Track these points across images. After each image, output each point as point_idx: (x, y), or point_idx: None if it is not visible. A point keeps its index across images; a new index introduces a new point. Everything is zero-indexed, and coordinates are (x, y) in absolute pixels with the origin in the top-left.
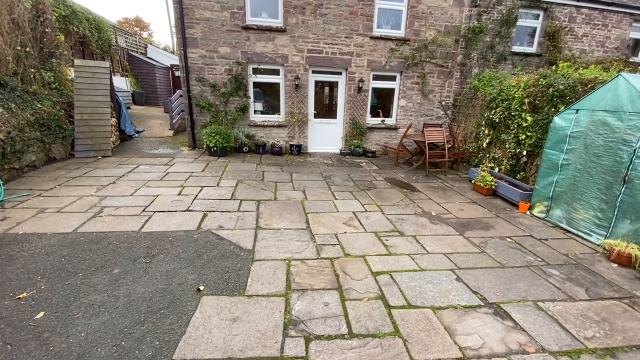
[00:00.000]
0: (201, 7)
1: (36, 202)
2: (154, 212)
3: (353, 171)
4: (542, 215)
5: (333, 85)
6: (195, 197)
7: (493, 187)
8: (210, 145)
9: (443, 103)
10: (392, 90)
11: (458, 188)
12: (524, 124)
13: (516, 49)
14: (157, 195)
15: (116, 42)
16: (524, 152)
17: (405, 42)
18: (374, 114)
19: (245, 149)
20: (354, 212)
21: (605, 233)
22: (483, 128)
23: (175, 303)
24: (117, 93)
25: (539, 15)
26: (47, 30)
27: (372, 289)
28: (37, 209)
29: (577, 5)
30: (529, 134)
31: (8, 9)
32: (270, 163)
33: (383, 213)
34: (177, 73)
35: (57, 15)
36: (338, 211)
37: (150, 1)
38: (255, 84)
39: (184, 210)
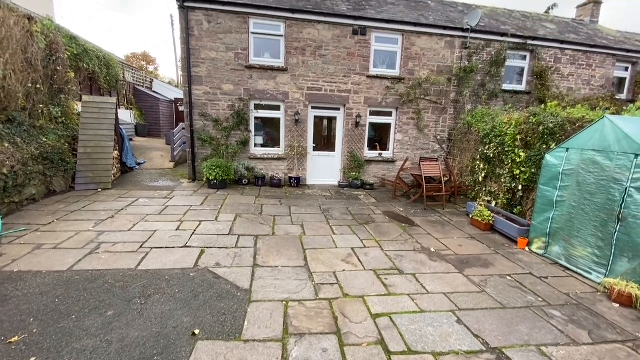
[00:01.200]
0: (207, 48)
1: (34, 237)
2: (152, 248)
3: (351, 204)
4: (541, 252)
5: (332, 120)
6: (193, 233)
7: (491, 222)
8: (210, 178)
9: (438, 137)
10: (388, 125)
11: (456, 222)
12: (518, 160)
13: (506, 87)
14: (155, 231)
15: (123, 77)
16: (520, 187)
17: (401, 81)
18: (372, 147)
19: (245, 182)
20: (352, 248)
21: (605, 271)
22: (478, 162)
23: (169, 349)
24: (121, 126)
25: (525, 56)
26: (58, 68)
27: (371, 333)
28: (34, 244)
29: (561, 47)
30: (523, 169)
31: (23, 49)
32: (269, 196)
33: (382, 249)
34: (180, 108)
35: (69, 54)
36: (337, 247)
37: (158, 37)
38: (257, 119)
39: (182, 247)
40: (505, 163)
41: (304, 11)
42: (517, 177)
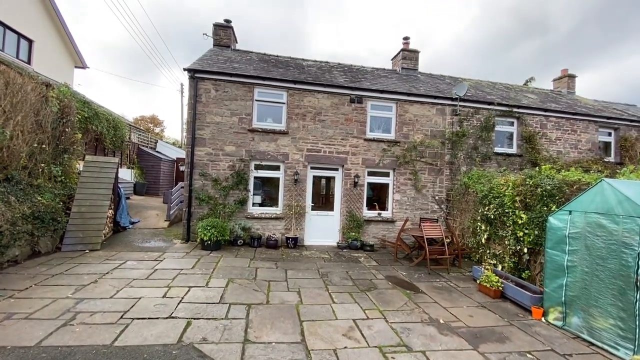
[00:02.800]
0: (213, 113)
1: (5, 305)
2: (133, 319)
3: (351, 267)
4: (559, 323)
5: (330, 180)
6: (180, 300)
7: (500, 288)
8: (205, 238)
9: (437, 197)
10: (386, 185)
11: (463, 289)
12: (520, 221)
13: (498, 149)
14: (140, 298)
15: (129, 138)
16: (525, 250)
17: (396, 144)
18: (370, 206)
19: (240, 242)
20: (354, 320)
21: (633, 346)
22: (479, 223)
23: None
24: (119, 184)
25: (513, 122)
26: (67, 130)
27: None
28: (5, 314)
29: (545, 114)
30: (526, 231)
31: (35, 112)
32: (265, 258)
33: (387, 321)
34: (181, 167)
35: (80, 117)
36: (337, 318)
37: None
38: (256, 179)
39: (167, 317)
40: (507, 224)
41: (305, 82)
42: (521, 239)
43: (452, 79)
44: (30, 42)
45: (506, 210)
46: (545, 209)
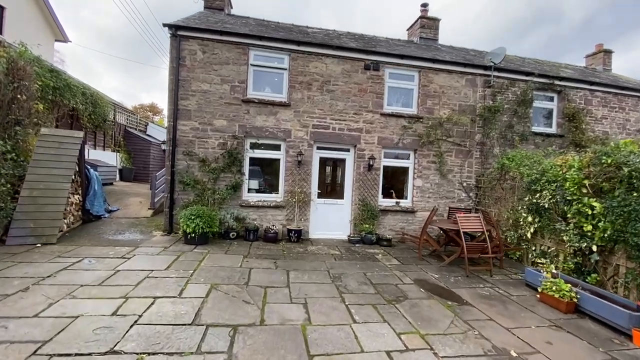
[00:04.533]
0: (199, 79)
1: None
2: (51, 356)
3: (369, 267)
4: None
5: (340, 163)
6: (136, 321)
7: (574, 300)
8: (187, 230)
9: (464, 184)
10: (406, 169)
11: (518, 298)
12: (589, 212)
13: (535, 129)
14: (77, 317)
15: (114, 118)
16: (594, 248)
17: (419, 120)
18: (386, 194)
19: (233, 235)
20: (388, 354)
21: None
22: (525, 214)
23: None
24: (89, 167)
25: (553, 97)
26: (19, 96)
27: None
28: None
29: (590, 89)
30: (600, 224)
31: None
32: (262, 255)
33: (435, 354)
34: (163, 146)
35: (41, 84)
36: (362, 349)
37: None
38: (252, 160)
39: (105, 353)
40: (569, 216)
41: (311, 44)
42: (590, 234)
43: (477, 52)
44: (1, 8)
45: (567, 198)
46: (635, 194)
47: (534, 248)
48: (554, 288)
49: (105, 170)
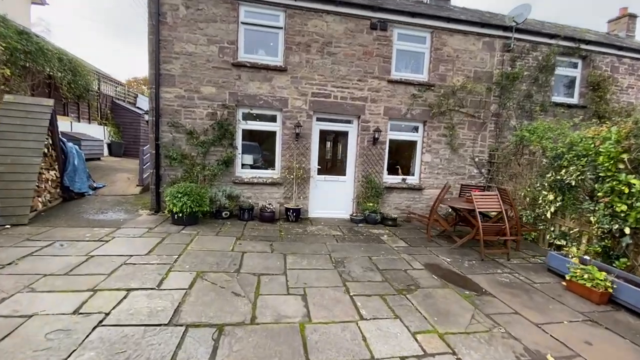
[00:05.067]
0: (183, 39)
1: None
2: None
3: (374, 250)
4: None
5: (342, 136)
6: (102, 321)
7: (609, 290)
8: (174, 210)
9: (476, 159)
10: (413, 144)
11: (543, 286)
12: (626, 190)
13: (555, 99)
14: (31, 316)
15: (99, 88)
16: (626, 230)
17: (429, 88)
18: (392, 170)
19: (226, 214)
20: (402, 359)
21: None
22: (545, 192)
23: None
24: (64, 139)
25: (577, 64)
26: None
27: None
28: None
29: (619, 54)
30: (638, 204)
31: None
32: (257, 236)
33: (458, 359)
34: (146, 117)
35: (6, 47)
36: (372, 357)
37: None
38: (245, 132)
39: None
40: (600, 194)
41: None
42: (622, 214)
43: (492, 14)
44: None
45: (600, 175)
46: None
47: (552, 229)
48: (585, 276)
49: (90, 144)
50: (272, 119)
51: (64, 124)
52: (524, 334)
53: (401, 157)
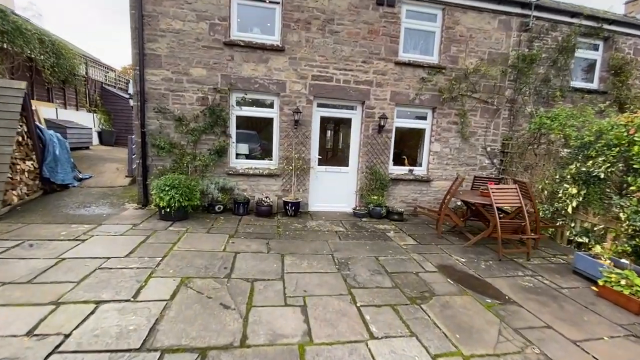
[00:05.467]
0: (169, 15)
1: None
2: None
3: (380, 249)
4: None
5: (345, 123)
6: (59, 345)
7: None
8: (161, 204)
9: (488, 149)
10: (421, 132)
11: (571, 292)
12: None
13: (574, 84)
14: None
15: (86, 73)
16: None
17: (440, 71)
18: (397, 161)
19: (219, 208)
20: None
21: None
22: (567, 185)
23: None
24: (41, 127)
25: (598, 46)
26: None
27: None
28: None
29: None
30: None
31: None
32: (252, 233)
33: None
34: (131, 102)
35: None
36: None
37: None
38: (240, 119)
39: None
40: (633, 188)
41: None
42: None
43: None
44: None
45: (635, 166)
46: None
47: (573, 225)
48: (622, 282)
49: (77, 132)
50: (269, 104)
51: (49, 111)
52: (562, 356)
53: (407, 146)
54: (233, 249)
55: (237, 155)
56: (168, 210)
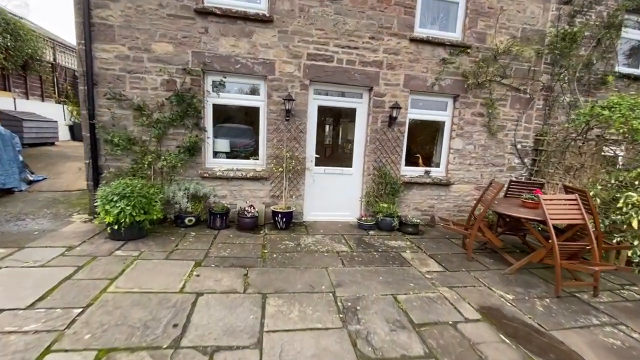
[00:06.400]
0: None
1: None
2: None
3: (397, 279)
4: None
5: (348, 115)
6: None
7: None
8: (108, 220)
9: (518, 146)
10: (439, 126)
11: None
12: None
13: (620, 69)
14: None
15: (54, 59)
16: None
17: (464, 50)
18: (409, 161)
19: (189, 221)
20: None
21: None
22: (632, 193)
23: None
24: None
25: None
26: None
27: None
28: None
29: None
30: None
31: None
32: (227, 258)
33: None
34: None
35: None
36: None
37: None
38: (218, 109)
39: None
40: None
41: None
42: None
43: None
44: None
45: None
46: None
47: (637, 243)
48: None
49: (38, 126)
50: (254, 90)
51: (5, 101)
52: None
53: (422, 143)
54: (195, 286)
55: (216, 154)
56: (117, 227)
